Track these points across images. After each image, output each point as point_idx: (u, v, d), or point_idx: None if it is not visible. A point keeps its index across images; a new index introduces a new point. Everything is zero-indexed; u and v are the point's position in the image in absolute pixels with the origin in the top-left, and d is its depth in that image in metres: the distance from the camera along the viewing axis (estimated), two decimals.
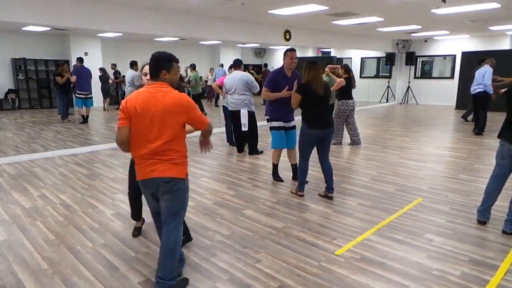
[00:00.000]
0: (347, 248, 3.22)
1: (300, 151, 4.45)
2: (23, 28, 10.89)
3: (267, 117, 5.01)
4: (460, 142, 7.73)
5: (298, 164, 4.55)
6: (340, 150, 7.06)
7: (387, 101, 16.20)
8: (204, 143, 2.78)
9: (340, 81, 6.48)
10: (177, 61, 2.58)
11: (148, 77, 2.85)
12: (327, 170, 4.41)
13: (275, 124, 4.93)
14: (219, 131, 8.59)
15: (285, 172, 5.32)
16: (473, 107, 8.85)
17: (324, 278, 2.75)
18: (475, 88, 8.44)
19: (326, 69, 7.00)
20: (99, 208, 4.17)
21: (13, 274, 2.81)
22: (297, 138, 4.83)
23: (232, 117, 6.61)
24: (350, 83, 7.04)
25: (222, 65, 15.32)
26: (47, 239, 3.40)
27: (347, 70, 7.23)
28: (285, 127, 4.96)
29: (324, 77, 6.48)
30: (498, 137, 3.59)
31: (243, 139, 6.79)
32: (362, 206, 4.19)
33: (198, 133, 2.74)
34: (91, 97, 10.46)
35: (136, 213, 3.45)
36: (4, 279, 2.75)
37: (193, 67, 12.16)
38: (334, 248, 3.22)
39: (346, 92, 7.07)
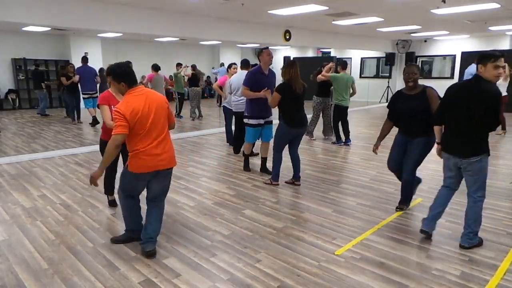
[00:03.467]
0: (347, 248, 3.22)
1: (276, 146, 4.80)
2: (23, 28, 10.89)
3: (246, 114, 5.32)
4: None
5: (273, 157, 4.86)
6: (340, 150, 7.06)
7: (387, 101, 16.18)
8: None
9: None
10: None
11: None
12: (296, 161, 4.87)
13: (253, 122, 5.26)
14: (219, 131, 8.59)
15: (285, 171, 5.32)
16: None
17: (324, 278, 2.76)
18: None
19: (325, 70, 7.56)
20: (99, 208, 4.17)
21: (14, 274, 2.82)
22: (273, 132, 5.21)
23: (236, 118, 6.50)
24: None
25: (222, 64, 15.12)
26: (47, 239, 3.40)
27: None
28: (263, 123, 5.29)
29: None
30: (442, 149, 3.26)
31: (243, 140, 6.78)
32: (362, 206, 4.20)
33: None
34: (97, 97, 10.25)
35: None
36: (5, 279, 2.75)
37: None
38: (334, 248, 3.22)
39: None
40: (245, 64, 6.65)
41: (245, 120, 5.36)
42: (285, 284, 2.69)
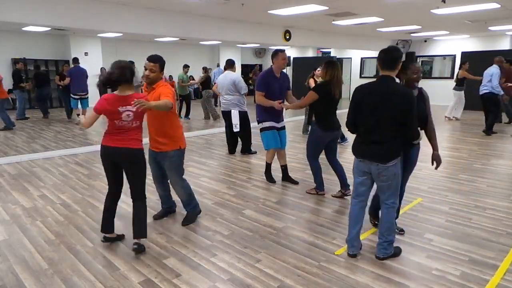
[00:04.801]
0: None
1: (310, 154, 4.46)
2: (23, 28, 10.89)
3: (259, 119, 4.89)
4: (460, 142, 7.73)
5: (310, 167, 4.53)
6: (340, 150, 7.05)
7: None
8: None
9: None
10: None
11: None
12: (339, 168, 4.46)
13: (267, 124, 4.81)
14: (219, 131, 8.59)
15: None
16: (483, 107, 8.63)
17: (324, 278, 2.76)
18: (482, 89, 8.38)
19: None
20: (99, 208, 4.15)
21: (14, 274, 2.82)
22: (288, 138, 5.04)
23: (224, 117, 6.60)
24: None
25: (218, 65, 15.10)
26: (47, 239, 3.40)
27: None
28: (276, 127, 4.86)
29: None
30: (354, 154, 3.06)
31: (236, 139, 6.79)
32: None
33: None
34: (87, 98, 10.18)
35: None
36: (4, 279, 2.75)
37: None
38: (334, 248, 3.22)
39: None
40: (229, 64, 6.64)
41: (260, 125, 4.89)
42: (285, 284, 2.69)
